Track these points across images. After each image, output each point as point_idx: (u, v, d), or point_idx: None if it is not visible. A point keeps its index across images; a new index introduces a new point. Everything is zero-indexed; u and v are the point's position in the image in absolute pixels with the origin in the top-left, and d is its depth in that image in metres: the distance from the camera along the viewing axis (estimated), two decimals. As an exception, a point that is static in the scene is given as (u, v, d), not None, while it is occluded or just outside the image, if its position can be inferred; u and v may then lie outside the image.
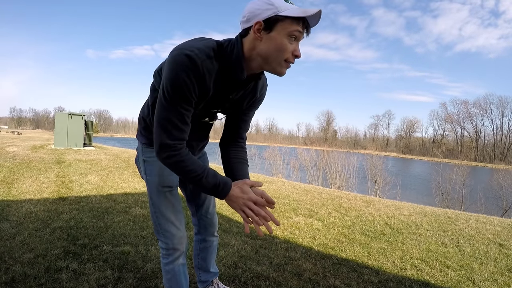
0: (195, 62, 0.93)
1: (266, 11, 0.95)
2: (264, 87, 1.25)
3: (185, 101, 0.97)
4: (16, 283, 1.95)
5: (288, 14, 0.94)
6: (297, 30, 0.96)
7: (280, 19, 0.95)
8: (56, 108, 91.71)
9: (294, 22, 0.95)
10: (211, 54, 0.98)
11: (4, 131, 42.89)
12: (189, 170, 1.01)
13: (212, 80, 1.01)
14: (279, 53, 0.98)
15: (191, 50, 0.94)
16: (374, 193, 12.49)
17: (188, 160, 1.02)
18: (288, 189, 6.89)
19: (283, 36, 0.96)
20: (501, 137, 73.20)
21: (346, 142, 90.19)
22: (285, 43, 0.97)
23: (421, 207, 6.05)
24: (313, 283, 2.30)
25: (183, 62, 0.92)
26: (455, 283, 2.47)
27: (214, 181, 1.03)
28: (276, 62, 1.00)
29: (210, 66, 0.98)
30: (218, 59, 1.00)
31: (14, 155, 9.19)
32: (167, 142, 0.98)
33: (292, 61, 1.01)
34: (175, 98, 0.95)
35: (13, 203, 3.87)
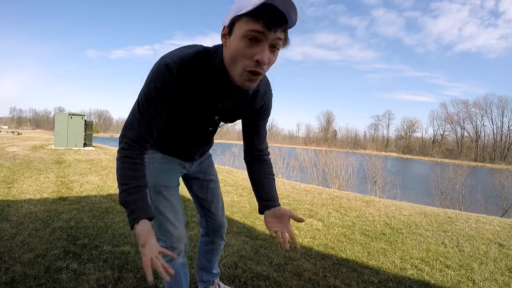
0: (171, 70, 0.90)
1: (231, 13, 0.84)
2: (266, 96, 1.13)
3: (154, 109, 0.95)
4: (16, 283, 1.95)
5: (245, 11, 0.78)
6: (252, 29, 0.79)
7: (238, 19, 0.82)
8: (56, 108, 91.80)
9: (251, 19, 0.79)
10: (192, 61, 0.92)
11: (4, 131, 42.88)
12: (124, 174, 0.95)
13: (193, 87, 0.96)
14: (235, 60, 0.84)
15: (171, 58, 0.92)
16: (374, 193, 12.49)
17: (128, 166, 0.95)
18: (288, 189, 6.89)
19: (239, 39, 0.81)
20: (501, 137, 73.18)
21: (346, 142, 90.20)
22: (240, 48, 0.81)
23: (421, 207, 6.05)
24: (313, 283, 2.30)
25: (159, 71, 0.91)
26: (455, 283, 2.47)
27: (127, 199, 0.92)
28: (235, 72, 0.86)
29: (190, 73, 0.93)
30: (201, 66, 0.94)
31: (14, 155, 9.19)
32: (124, 140, 0.97)
33: (254, 68, 0.82)
34: (145, 104, 0.95)
35: (13, 203, 3.87)
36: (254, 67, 0.82)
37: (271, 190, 1.24)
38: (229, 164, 15.47)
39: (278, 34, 0.81)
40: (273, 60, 0.87)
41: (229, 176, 7.77)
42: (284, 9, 0.78)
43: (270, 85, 1.15)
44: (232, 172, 8.57)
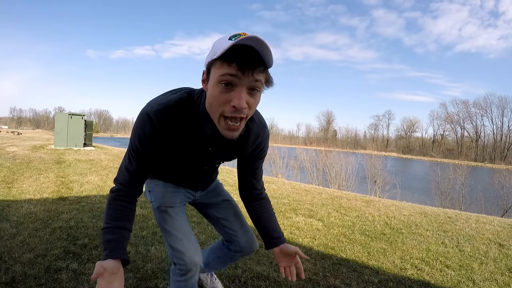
0: (151, 119, 0.90)
1: (207, 57, 0.81)
2: (259, 139, 1.07)
3: (141, 158, 0.98)
4: (16, 283, 1.95)
5: (218, 54, 0.75)
6: (226, 73, 0.75)
7: (213, 64, 0.79)
8: (56, 108, 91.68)
9: (224, 63, 0.75)
10: (174, 107, 0.90)
11: (4, 131, 42.86)
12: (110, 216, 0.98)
13: (176, 135, 0.95)
14: (212, 107, 0.81)
15: (152, 106, 0.92)
16: (374, 193, 12.49)
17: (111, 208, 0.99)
18: (288, 189, 6.89)
19: (214, 85, 0.78)
20: (501, 137, 73.17)
21: (346, 142, 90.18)
22: (215, 93, 0.78)
23: (421, 207, 6.05)
24: (313, 283, 2.30)
25: (141, 120, 0.92)
26: (455, 283, 2.47)
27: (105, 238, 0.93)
28: (214, 117, 0.83)
29: (172, 121, 0.91)
30: (184, 112, 0.92)
31: (14, 155, 9.19)
32: (117, 187, 1.04)
33: (231, 114, 0.78)
34: (133, 153, 0.98)
35: (13, 203, 3.87)
36: (232, 113, 0.78)
37: (276, 226, 1.26)
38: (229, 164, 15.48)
39: (255, 76, 0.76)
40: (255, 103, 0.82)
41: (229, 176, 7.77)
42: (258, 48, 0.74)
43: (265, 127, 1.08)
44: (232, 172, 8.57)
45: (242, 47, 0.74)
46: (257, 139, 1.07)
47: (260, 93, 0.83)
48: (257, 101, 0.83)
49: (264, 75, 0.80)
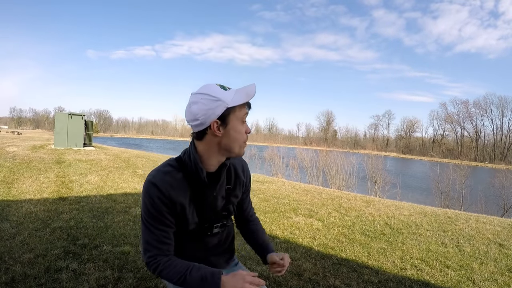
0: (155, 184, 1.02)
1: (217, 108, 0.99)
2: (245, 166, 1.27)
3: (158, 221, 1.04)
4: (16, 283, 1.95)
5: (236, 103, 1.00)
6: (246, 113, 1.05)
7: (232, 110, 1.01)
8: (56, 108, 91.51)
9: (242, 107, 1.03)
10: (168, 169, 1.05)
11: (4, 131, 42.84)
12: (173, 274, 1.03)
13: (178, 190, 1.05)
14: (239, 140, 1.05)
15: (151, 175, 1.05)
16: (374, 193, 12.48)
17: (170, 266, 1.04)
18: (288, 189, 6.89)
19: (238, 124, 1.03)
20: (501, 137, 73.21)
21: (346, 142, 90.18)
22: (240, 129, 1.04)
23: (421, 207, 6.06)
24: (313, 283, 2.30)
25: (147, 188, 1.03)
26: (455, 283, 2.47)
27: (199, 275, 1.01)
28: (238, 148, 1.06)
29: (170, 179, 1.03)
30: (178, 169, 1.06)
31: (14, 155, 9.19)
32: (147, 260, 1.05)
33: (246, 139, 1.07)
34: (148, 219, 1.04)
35: (13, 203, 3.87)
36: (247, 138, 1.08)
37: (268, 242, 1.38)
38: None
39: None
40: None
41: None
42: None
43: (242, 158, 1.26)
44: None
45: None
46: (243, 166, 1.25)
47: None
48: None
49: None
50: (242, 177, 1.23)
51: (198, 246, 1.19)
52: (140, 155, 12.48)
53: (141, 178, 6.70)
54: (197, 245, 1.18)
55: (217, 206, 1.14)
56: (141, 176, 6.91)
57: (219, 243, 1.24)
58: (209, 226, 1.16)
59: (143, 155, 12.32)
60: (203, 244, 1.19)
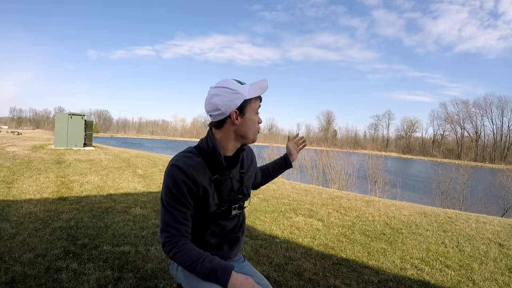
0: (179, 166, 1.10)
1: (237, 99, 1.12)
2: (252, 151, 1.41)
3: (179, 202, 1.10)
4: (16, 283, 1.95)
5: (252, 95, 1.13)
6: (259, 105, 1.20)
7: (248, 102, 1.14)
8: (56, 108, 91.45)
9: (257, 100, 1.17)
10: (189, 154, 1.15)
11: (4, 131, 42.84)
12: (186, 258, 1.06)
13: (200, 172, 1.13)
14: (254, 129, 1.18)
15: (174, 160, 1.13)
16: (374, 193, 12.48)
17: (184, 250, 1.07)
18: (288, 189, 6.89)
19: (253, 114, 1.17)
20: (501, 137, 73.13)
21: (346, 142, 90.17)
22: (256, 119, 1.18)
23: (421, 207, 6.05)
24: (313, 283, 2.30)
25: (170, 171, 1.10)
26: (455, 283, 2.47)
27: (210, 266, 1.04)
28: (253, 135, 1.20)
29: (192, 162, 1.12)
30: (198, 155, 1.16)
31: (14, 155, 9.19)
32: (164, 240, 1.09)
33: (259, 129, 1.22)
34: (169, 202, 1.10)
35: (13, 203, 3.87)
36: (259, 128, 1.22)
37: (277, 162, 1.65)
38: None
39: None
40: None
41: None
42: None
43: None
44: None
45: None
46: (251, 152, 1.40)
47: None
48: None
49: None
50: (253, 161, 1.38)
51: (216, 230, 1.23)
52: (140, 155, 12.47)
53: (141, 178, 6.71)
54: (216, 229, 1.22)
55: (234, 187, 1.22)
56: (141, 176, 6.91)
57: (234, 227, 1.29)
58: (229, 208, 1.21)
59: (143, 155, 12.32)
60: (221, 228, 1.23)
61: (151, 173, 7.41)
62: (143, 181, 6.27)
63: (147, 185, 5.88)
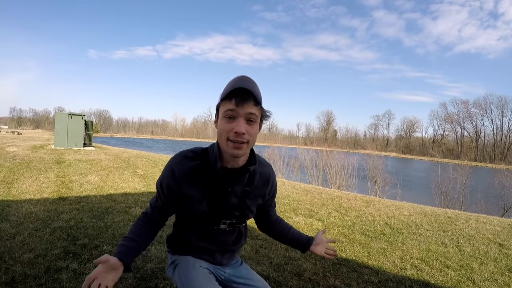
0: (171, 164, 1.10)
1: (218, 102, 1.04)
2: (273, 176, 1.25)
3: (160, 194, 1.14)
4: (16, 283, 1.95)
5: (221, 97, 1.01)
6: (228, 109, 0.98)
7: (220, 104, 1.02)
8: (56, 108, 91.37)
9: (226, 102, 0.99)
10: (190, 155, 1.11)
11: (4, 131, 42.82)
12: (130, 229, 1.14)
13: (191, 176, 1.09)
14: (221, 137, 1.02)
15: (174, 156, 1.13)
16: (374, 193, 12.48)
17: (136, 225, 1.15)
18: (288, 189, 6.89)
19: (221, 119, 1.01)
20: (501, 137, 73.14)
21: (346, 142, 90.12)
22: (222, 125, 1.00)
23: (421, 207, 6.06)
24: (313, 283, 2.30)
25: (167, 166, 1.12)
26: (455, 283, 2.47)
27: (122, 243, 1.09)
28: (222, 145, 1.03)
29: (186, 164, 1.09)
30: (198, 158, 1.10)
31: (14, 155, 9.19)
32: (144, 211, 1.20)
33: (234, 138, 0.99)
34: (158, 187, 1.15)
35: (13, 203, 3.87)
36: (234, 137, 0.98)
37: (300, 233, 1.42)
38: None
39: (249, 109, 0.98)
40: (252, 132, 1.02)
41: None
42: (249, 87, 0.97)
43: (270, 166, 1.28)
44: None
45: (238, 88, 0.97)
46: (271, 176, 1.23)
47: (257, 124, 1.03)
48: (255, 130, 1.03)
49: (257, 109, 1.01)
50: (268, 186, 1.23)
51: (205, 238, 1.20)
52: (140, 155, 12.47)
53: (141, 178, 6.71)
54: (204, 237, 1.20)
55: (230, 202, 1.14)
56: (141, 176, 6.91)
57: (226, 243, 1.22)
58: (217, 220, 1.16)
59: (143, 155, 12.31)
60: (210, 238, 1.19)
61: (151, 173, 7.41)
62: (143, 181, 6.27)
63: (147, 185, 5.87)
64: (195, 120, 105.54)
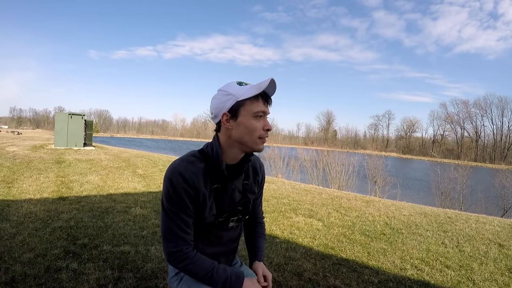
0: (180, 172, 1.04)
1: (227, 101, 1.04)
2: (262, 166, 1.30)
3: (181, 210, 1.06)
4: (16, 283, 1.95)
5: (246, 96, 1.03)
6: (259, 110, 1.05)
7: (241, 104, 1.04)
8: (56, 108, 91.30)
9: (254, 102, 1.04)
10: (191, 159, 1.09)
11: (4, 131, 42.82)
12: (199, 269, 1.06)
13: (202, 179, 1.07)
14: (252, 135, 1.06)
15: (175, 164, 1.08)
16: (374, 193, 12.47)
17: (197, 261, 1.07)
18: (288, 189, 6.89)
19: (249, 118, 1.04)
20: (501, 137, 73.09)
21: (346, 142, 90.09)
22: (253, 124, 1.05)
23: (421, 207, 6.06)
24: (313, 283, 2.30)
25: (171, 177, 1.05)
26: (455, 283, 2.47)
27: (225, 275, 1.07)
28: (251, 142, 1.07)
29: (194, 169, 1.06)
30: (201, 160, 1.10)
31: (14, 155, 9.19)
32: (171, 250, 1.06)
33: (265, 135, 1.08)
34: (171, 209, 1.05)
35: (13, 203, 3.87)
36: (264, 134, 1.08)
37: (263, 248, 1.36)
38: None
39: (269, 109, 1.10)
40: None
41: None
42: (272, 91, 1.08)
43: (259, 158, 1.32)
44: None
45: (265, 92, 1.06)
46: (261, 166, 1.29)
47: None
48: None
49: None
50: (259, 176, 1.27)
51: (214, 240, 1.19)
52: (140, 155, 12.47)
53: (141, 178, 6.70)
54: (213, 239, 1.18)
55: (235, 199, 1.16)
56: (141, 176, 6.91)
57: (231, 240, 1.24)
58: (226, 220, 1.16)
59: (143, 155, 12.31)
60: (218, 239, 1.19)
61: (151, 173, 7.41)
62: (143, 181, 6.27)
63: (147, 185, 5.87)
64: (195, 120, 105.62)
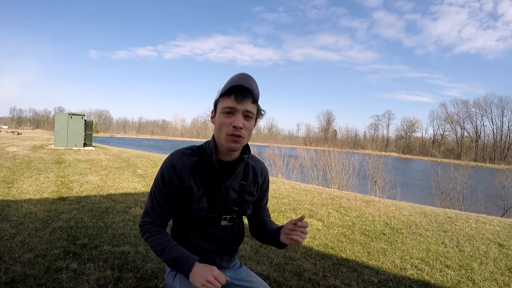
0: (171, 162, 1.10)
1: (215, 99, 1.08)
2: (264, 170, 1.29)
3: (161, 195, 1.11)
4: (16, 283, 1.95)
5: (220, 93, 1.04)
6: (227, 107, 1.03)
7: (218, 101, 1.07)
8: (56, 108, 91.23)
9: (225, 98, 1.03)
10: (187, 152, 1.13)
11: (4, 131, 42.80)
12: (155, 244, 1.10)
13: (190, 170, 1.10)
14: (220, 131, 1.06)
15: (171, 155, 1.13)
16: (374, 193, 12.47)
17: (156, 237, 1.11)
18: (288, 189, 6.89)
19: (219, 114, 1.05)
20: (501, 137, 73.08)
21: (346, 142, 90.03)
22: (221, 120, 1.04)
23: (421, 207, 6.06)
24: (313, 283, 2.30)
25: (163, 165, 1.11)
26: (455, 283, 2.47)
27: (177, 254, 1.07)
28: (221, 139, 1.07)
29: (186, 159, 1.11)
30: (196, 153, 1.13)
31: (14, 155, 9.19)
32: (141, 223, 1.15)
33: (233, 132, 1.03)
34: (154, 191, 1.13)
35: (13, 203, 3.87)
36: (233, 131, 1.03)
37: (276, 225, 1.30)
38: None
39: (247, 106, 1.03)
40: (249, 127, 1.07)
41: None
42: (249, 85, 1.02)
43: (263, 162, 1.32)
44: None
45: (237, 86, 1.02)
46: (262, 170, 1.27)
47: (253, 120, 1.08)
48: (251, 126, 1.09)
49: (254, 106, 1.06)
50: (259, 178, 1.25)
51: (205, 238, 1.19)
52: (140, 155, 12.47)
53: (141, 178, 6.70)
54: (204, 237, 1.18)
55: (229, 197, 1.16)
56: (141, 176, 6.91)
57: (224, 240, 1.22)
58: (218, 217, 1.16)
59: (143, 155, 12.32)
60: (210, 237, 1.19)
61: (151, 173, 7.41)
62: (143, 181, 6.27)
63: (147, 185, 5.87)
64: (195, 120, 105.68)
